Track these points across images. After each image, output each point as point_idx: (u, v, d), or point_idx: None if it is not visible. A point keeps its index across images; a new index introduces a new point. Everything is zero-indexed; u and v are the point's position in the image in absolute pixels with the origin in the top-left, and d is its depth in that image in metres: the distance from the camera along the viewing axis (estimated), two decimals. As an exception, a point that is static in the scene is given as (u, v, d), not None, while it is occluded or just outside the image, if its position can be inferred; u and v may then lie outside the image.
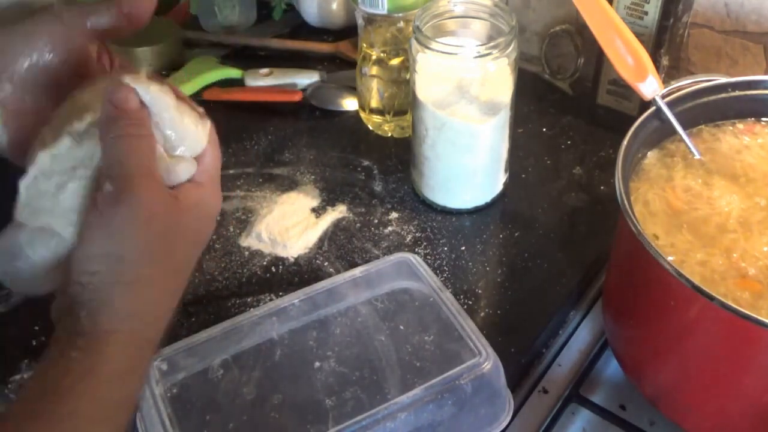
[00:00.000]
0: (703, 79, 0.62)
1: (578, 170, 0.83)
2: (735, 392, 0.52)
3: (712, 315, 0.49)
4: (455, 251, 0.73)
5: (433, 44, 0.68)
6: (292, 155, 0.86)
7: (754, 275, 0.52)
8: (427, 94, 0.72)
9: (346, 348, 0.59)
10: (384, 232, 0.75)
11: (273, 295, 0.69)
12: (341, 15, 1.06)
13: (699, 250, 0.54)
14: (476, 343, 0.56)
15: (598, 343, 0.68)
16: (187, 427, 0.54)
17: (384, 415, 0.52)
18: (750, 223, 0.56)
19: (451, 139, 0.72)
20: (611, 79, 0.85)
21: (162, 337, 0.45)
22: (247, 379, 0.57)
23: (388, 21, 0.80)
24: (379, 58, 0.82)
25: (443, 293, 0.61)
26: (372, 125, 0.88)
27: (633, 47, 0.61)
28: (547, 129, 0.89)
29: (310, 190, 0.81)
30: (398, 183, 0.81)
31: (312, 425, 0.54)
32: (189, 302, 0.69)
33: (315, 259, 0.73)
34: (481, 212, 0.78)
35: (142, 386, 0.48)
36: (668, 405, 0.57)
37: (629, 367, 0.61)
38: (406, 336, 0.60)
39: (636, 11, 0.79)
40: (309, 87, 0.94)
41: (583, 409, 0.62)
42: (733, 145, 0.62)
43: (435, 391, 0.53)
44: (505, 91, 0.72)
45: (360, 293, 0.63)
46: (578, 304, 0.71)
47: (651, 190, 0.59)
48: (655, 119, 0.60)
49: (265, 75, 0.96)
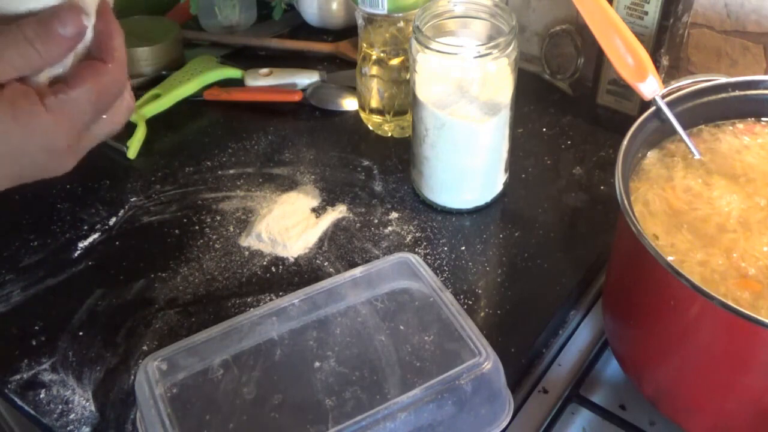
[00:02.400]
0: (703, 79, 0.62)
1: (578, 170, 0.83)
2: (735, 392, 0.52)
3: (712, 315, 0.49)
4: (455, 251, 0.73)
5: (433, 44, 0.68)
6: (292, 155, 0.86)
7: (754, 275, 0.52)
8: (427, 94, 0.72)
9: (346, 348, 0.59)
10: (384, 232, 0.75)
11: (273, 295, 0.69)
12: (341, 15, 1.06)
13: (699, 250, 0.54)
14: (476, 343, 0.56)
15: (598, 343, 0.68)
16: (187, 427, 0.54)
17: (384, 415, 0.52)
18: (750, 223, 0.56)
19: (451, 139, 0.72)
20: (611, 79, 0.85)
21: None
22: (247, 379, 0.57)
23: (388, 21, 0.80)
24: (379, 58, 0.82)
25: (443, 293, 0.61)
26: (372, 125, 0.88)
27: (633, 47, 0.61)
28: (547, 129, 0.89)
29: (310, 190, 0.81)
30: (398, 183, 0.81)
31: (312, 425, 0.54)
32: (189, 302, 0.69)
33: (315, 259, 0.73)
34: (481, 212, 0.78)
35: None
36: (668, 405, 0.57)
37: (629, 367, 0.61)
38: (406, 336, 0.60)
39: (636, 11, 0.79)
40: (309, 87, 0.95)
41: (583, 409, 0.62)
42: (733, 145, 0.62)
43: (435, 391, 0.53)
44: (505, 91, 0.72)
45: (360, 293, 0.63)
46: (578, 304, 0.71)
47: (651, 190, 0.59)
48: (655, 119, 0.60)
49: (265, 75, 0.96)
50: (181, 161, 0.85)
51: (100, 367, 0.64)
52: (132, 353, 0.64)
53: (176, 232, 0.76)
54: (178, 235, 0.76)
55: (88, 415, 0.60)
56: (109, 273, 0.72)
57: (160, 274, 0.72)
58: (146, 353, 0.64)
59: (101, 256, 0.74)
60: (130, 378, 0.62)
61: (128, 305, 0.69)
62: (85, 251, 0.74)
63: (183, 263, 0.73)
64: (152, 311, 0.68)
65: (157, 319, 0.67)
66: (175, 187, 0.82)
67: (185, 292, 0.70)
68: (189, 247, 0.74)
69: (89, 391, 0.62)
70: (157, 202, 0.80)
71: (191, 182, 0.83)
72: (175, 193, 0.81)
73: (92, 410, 0.60)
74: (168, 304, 0.69)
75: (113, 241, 0.75)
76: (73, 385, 0.62)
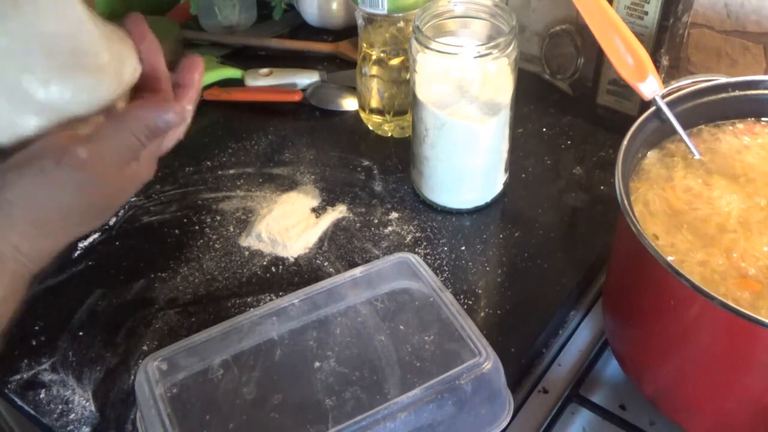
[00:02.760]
0: (703, 79, 0.62)
1: (578, 170, 0.83)
2: (735, 392, 0.52)
3: (712, 315, 0.49)
4: (455, 251, 0.73)
5: (433, 44, 0.68)
6: (292, 155, 0.86)
7: (754, 275, 0.52)
8: (427, 94, 0.72)
9: (346, 348, 0.59)
10: (384, 232, 0.75)
11: (273, 295, 0.69)
12: (341, 15, 1.06)
13: (699, 250, 0.54)
14: (476, 343, 0.56)
15: (598, 343, 0.68)
16: (187, 427, 0.54)
17: (384, 415, 0.52)
18: (750, 223, 0.56)
19: (451, 139, 0.72)
20: (611, 79, 0.85)
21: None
22: (247, 379, 0.57)
23: (388, 21, 0.80)
24: (379, 58, 0.82)
25: (443, 293, 0.61)
26: (372, 125, 0.88)
27: (633, 47, 0.61)
28: (547, 129, 0.89)
29: (310, 190, 0.81)
30: (398, 183, 0.81)
31: (312, 425, 0.54)
32: (189, 302, 0.69)
33: (315, 259, 0.73)
34: (481, 212, 0.78)
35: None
36: (668, 405, 0.57)
37: (629, 367, 0.61)
38: (406, 336, 0.60)
39: (636, 11, 0.79)
40: (309, 87, 0.95)
41: (583, 409, 0.62)
42: (733, 145, 0.62)
43: (435, 391, 0.53)
44: (505, 91, 0.72)
45: (360, 293, 0.63)
46: (578, 304, 0.71)
47: (651, 190, 0.59)
48: (655, 119, 0.60)
49: (265, 75, 0.96)
50: (181, 161, 0.85)
51: (100, 367, 0.64)
52: (132, 353, 0.64)
53: (176, 232, 0.76)
54: (178, 235, 0.76)
55: (88, 415, 0.60)
56: (109, 273, 0.72)
57: (160, 274, 0.72)
58: (146, 353, 0.64)
59: (101, 256, 0.74)
60: (130, 378, 0.62)
61: (128, 305, 0.69)
62: (85, 251, 0.74)
63: (183, 263, 0.73)
64: (152, 311, 0.68)
65: (157, 319, 0.67)
66: (175, 187, 0.82)
67: (185, 292, 0.70)
68: (189, 247, 0.74)
69: (89, 391, 0.62)
70: (157, 202, 0.80)
71: (191, 182, 0.83)
72: (175, 193, 0.81)
73: (92, 410, 0.60)
74: (168, 304, 0.69)
75: (113, 241, 0.76)
76: (73, 385, 0.62)
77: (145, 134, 0.49)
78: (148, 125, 0.49)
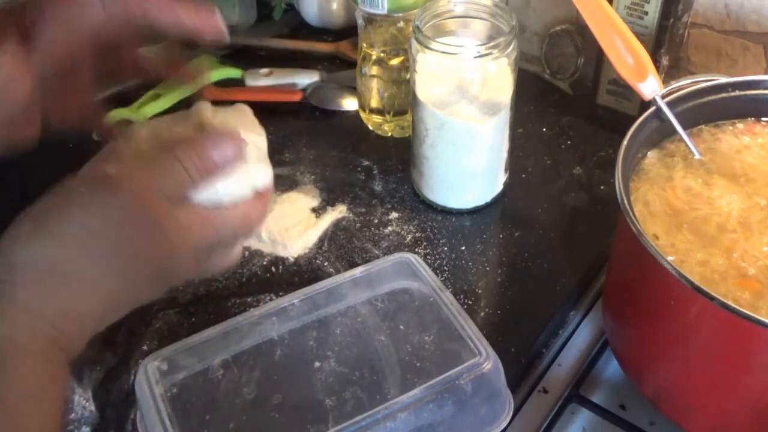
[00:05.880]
0: (703, 79, 0.62)
1: (578, 170, 0.83)
2: (735, 392, 0.52)
3: (712, 315, 0.49)
4: (455, 251, 0.73)
5: (433, 44, 0.68)
6: (292, 155, 0.86)
7: (754, 275, 0.52)
8: (427, 94, 0.72)
9: (346, 348, 0.59)
10: (384, 232, 0.75)
11: (273, 295, 0.69)
12: (341, 15, 1.06)
13: (699, 250, 0.54)
14: (476, 343, 0.56)
15: (598, 343, 0.68)
16: (187, 427, 0.54)
17: (384, 415, 0.52)
18: (750, 223, 0.56)
19: (451, 139, 0.72)
20: (611, 79, 0.85)
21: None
22: (247, 379, 0.57)
23: (388, 21, 0.80)
24: (379, 58, 0.82)
25: (443, 293, 0.61)
26: (372, 125, 0.88)
27: (633, 47, 0.61)
28: (547, 129, 0.89)
29: (310, 190, 0.81)
30: (398, 183, 0.81)
31: (312, 425, 0.54)
32: (189, 302, 0.69)
33: (315, 259, 0.73)
34: (481, 212, 0.78)
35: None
36: (668, 405, 0.57)
37: (629, 367, 0.61)
38: (406, 336, 0.60)
39: (636, 11, 0.79)
40: (309, 87, 0.95)
41: (583, 409, 0.62)
42: (733, 145, 0.62)
43: (435, 391, 0.53)
44: (505, 91, 0.72)
45: (360, 293, 0.63)
46: (578, 304, 0.71)
47: (651, 190, 0.59)
48: (655, 119, 0.60)
49: (265, 75, 0.96)
50: (181, 161, 0.85)
51: (100, 367, 0.63)
52: (132, 353, 0.64)
53: (176, 232, 0.76)
54: (178, 235, 0.76)
55: (88, 415, 0.60)
56: (109, 273, 0.72)
57: (160, 274, 0.71)
58: (146, 353, 0.64)
59: (101, 256, 0.74)
60: (130, 378, 0.62)
61: (128, 305, 0.69)
62: (85, 251, 0.74)
63: (183, 263, 0.72)
64: (152, 311, 0.68)
65: (157, 319, 0.67)
66: (175, 187, 0.82)
67: (185, 292, 0.70)
68: (189, 247, 0.74)
69: (89, 391, 0.62)
70: (157, 202, 0.80)
71: (191, 182, 0.82)
72: (175, 193, 0.81)
73: (92, 410, 0.60)
74: (168, 304, 0.68)
75: (113, 241, 0.75)
76: (73, 385, 0.62)
77: (193, 163, 0.43)
78: (197, 151, 0.44)
